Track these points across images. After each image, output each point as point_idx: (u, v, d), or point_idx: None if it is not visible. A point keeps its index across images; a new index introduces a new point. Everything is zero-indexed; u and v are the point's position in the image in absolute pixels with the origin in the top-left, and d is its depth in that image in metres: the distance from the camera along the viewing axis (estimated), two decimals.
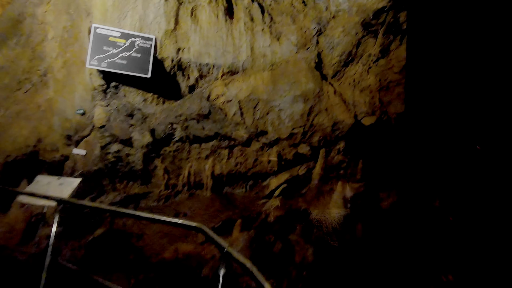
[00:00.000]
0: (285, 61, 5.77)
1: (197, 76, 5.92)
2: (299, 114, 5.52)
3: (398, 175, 3.89)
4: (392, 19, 4.33)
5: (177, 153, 5.98)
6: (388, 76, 4.46)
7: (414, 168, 3.81)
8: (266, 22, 6.04)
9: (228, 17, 6.03)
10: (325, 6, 5.34)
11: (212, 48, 5.86)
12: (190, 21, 5.85)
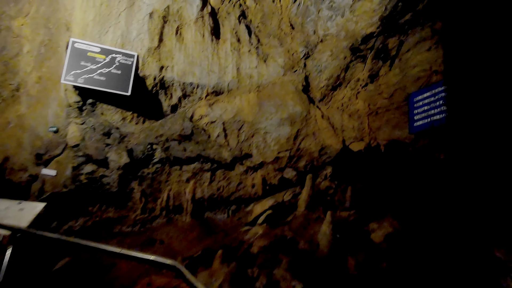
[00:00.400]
0: (272, 83, 5.64)
1: (180, 96, 5.70)
2: (286, 137, 5.34)
3: (390, 204, 3.71)
4: (381, 45, 4.29)
5: (156, 175, 5.64)
6: (377, 102, 4.37)
7: (408, 197, 3.64)
8: (253, 44, 5.95)
9: (214, 37, 5.92)
10: (312, 30, 5.30)
11: (197, 67, 5.69)
12: (175, 40, 5.69)
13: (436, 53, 3.68)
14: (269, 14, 5.97)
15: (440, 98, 3.49)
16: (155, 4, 5.63)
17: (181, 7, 5.80)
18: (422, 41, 3.82)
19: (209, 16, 5.94)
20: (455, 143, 3.34)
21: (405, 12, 3.91)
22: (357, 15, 4.52)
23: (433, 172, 3.61)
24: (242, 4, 6.10)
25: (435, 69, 3.67)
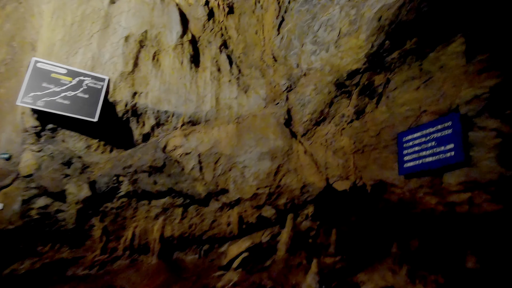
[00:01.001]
0: (253, 115, 5.39)
1: (154, 124, 5.30)
2: (265, 173, 5.01)
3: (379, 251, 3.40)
4: (367, 81, 4.18)
5: (121, 210, 5.07)
6: (363, 139, 4.20)
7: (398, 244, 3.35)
8: (234, 74, 5.75)
9: (193, 65, 5.67)
10: (296, 63, 5.19)
11: (174, 95, 5.36)
12: (151, 65, 5.39)
13: (425, 92, 3.58)
14: (251, 45, 5.85)
15: (432, 139, 3.34)
16: (132, 28, 5.36)
17: (160, 33, 5.55)
18: (410, 80, 3.73)
19: (189, 43, 5.72)
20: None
21: (392, 50, 3.85)
22: (342, 50, 4.44)
23: (427, 220, 3.37)
24: (224, 34, 5.96)
25: (424, 108, 3.55)
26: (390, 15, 3.68)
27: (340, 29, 4.57)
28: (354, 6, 4.37)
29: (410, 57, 3.75)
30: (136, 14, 5.45)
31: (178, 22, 5.68)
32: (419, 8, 3.40)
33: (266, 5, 5.93)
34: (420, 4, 3.39)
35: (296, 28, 5.34)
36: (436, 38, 3.48)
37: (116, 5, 5.41)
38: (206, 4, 5.93)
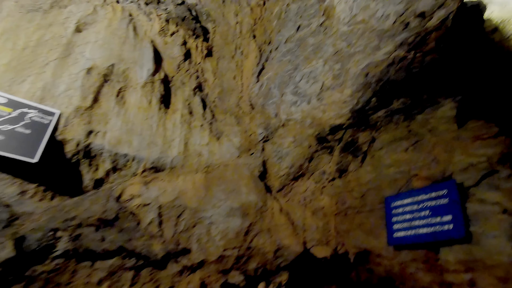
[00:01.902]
0: (224, 165, 4.87)
1: (109, 168, 4.57)
2: (235, 231, 4.38)
3: None
4: (351, 138, 3.93)
5: (54, 275, 4.07)
6: (346, 200, 3.83)
7: None
8: (206, 118, 5.30)
9: (163, 105, 5.16)
10: (274, 113, 4.88)
11: (137, 136, 4.73)
12: (115, 102, 4.79)
13: (414, 155, 3.35)
14: (228, 90, 5.51)
15: (426, 208, 3.03)
16: (97, 60, 4.82)
17: (128, 68, 5.06)
18: (397, 140, 3.51)
19: (161, 82, 5.26)
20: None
21: (378, 108, 3.66)
22: (325, 104, 4.21)
23: None
24: (200, 76, 5.60)
25: (415, 172, 3.29)
26: (378, 73, 3.54)
27: (324, 82, 4.39)
28: (339, 61, 4.24)
29: (397, 116, 3.57)
30: (104, 46, 4.95)
31: (151, 59, 5.26)
32: (408, 69, 3.28)
33: (247, 52, 5.74)
34: (410, 65, 3.27)
35: (276, 77, 5.12)
36: (425, 100, 3.35)
37: (82, 34, 4.90)
38: (184, 44, 5.61)
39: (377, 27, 3.49)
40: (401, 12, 3.24)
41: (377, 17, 3.50)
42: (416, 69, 3.24)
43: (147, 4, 5.74)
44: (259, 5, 6.38)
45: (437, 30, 3.01)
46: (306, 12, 5.31)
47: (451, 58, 3.06)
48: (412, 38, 3.19)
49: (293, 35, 5.32)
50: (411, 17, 3.17)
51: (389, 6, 3.36)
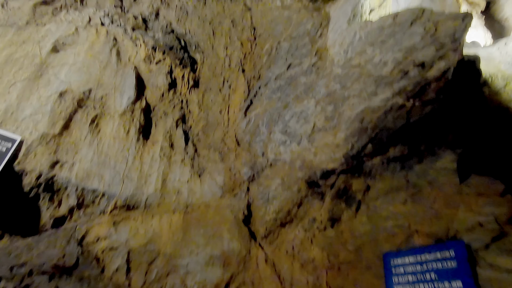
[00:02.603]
0: (205, 205, 4.44)
1: (74, 205, 4.02)
2: (214, 283, 3.87)
3: None
4: (344, 184, 3.68)
5: None
6: (339, 253, 3.50)
7: None
8: (188, 153, 4.92)
9: (142, 136, 4.76)
10: (261, 151, 4.60)
11: (109, 170, 4.26)
12: (88, 130, 4.35)
13: (414, 208, 3.14)
14: (213, 124, 5.21)
15: (431, 270, 2.76)
16: (73, 83, 4.42)
17: (107, 94, 4.68)
18: (394, 191, 3.30)
19: (142, 112, 4.89)
20: None
21: (374, 154, 3.47)
22: (317, 146, 3.99)
23: None
24: (184, 108, 5.29)
25: (416, 228, 3.05)
26: (375, 119, 3.38)
27: (315, 123, 4.20)
28: (332, 103, 4.09)
29: (393, 165, 3.39)
30: (83, 69, 4.58)
31: (133, 87, 4.91)
32: (407, 117, 3.15)
33: (235, 86, 5.54)
34: (408, 113, 3.14)
35: (265, 114, 4.90)
36: (423, 150, 3.20)
37: (59, 55, 4.53)
38: (170, 73, 5.34)
39: (374, 72, 3.40)
40: (400, 60, 3.16)
41: (374, 62, 3.42)
42: (415, 118, 3.11)
43: (134, 29, 5.49)
44: (250, 40, 6.31)
45: (437, 81, 2.93)
46: (298, 51, 5.26)
47: (451, 109, 2.97)
48: (411, 87, 3.09)
49: (284, 73, 5.20)
50: (411, 66, 3.10)
51: (388, 53, 3.29)
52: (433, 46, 2.97)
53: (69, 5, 5.17)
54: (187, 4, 6.40)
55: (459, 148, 2.98)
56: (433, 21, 3.05)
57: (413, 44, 3.10)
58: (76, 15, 5.07)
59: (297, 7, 6.07)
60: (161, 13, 6.07)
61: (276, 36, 6.00)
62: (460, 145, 2.98)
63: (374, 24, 3.57)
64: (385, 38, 3.35)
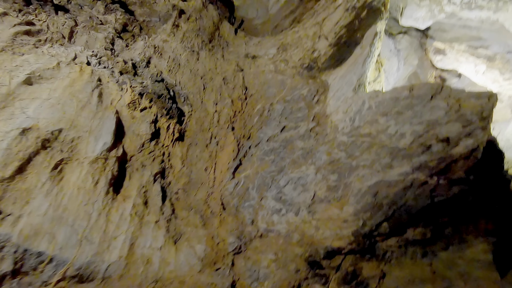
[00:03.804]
0: (180, 281, 3.66)
1: (7, 271, 3.10)
2: None
3: None
4: (352, 267, 3.17)
5: None
6: None
7: None
8: (164, 213, 4.25)
9: (112, 190, 4.07)
10: (251, 219, 4.05)
11: (65, 228, 3.46)
12: (47, 176, 3.62)
13: None
14: (196, 183, 4.66)
15: None
16: (41, 120, 3.81)
17: (80, 137, 4.06)
18: (418, 281, 2.84)
19: (116, 161, 4.27)
20: None
21: (390, 235, 3.06)
22: (319, 219, 3.54)
23: None
24: (166, 161, 4.74)
25: None
26: (392, 195, 3.07)
27: (316, 192, 3.81)
28: (335, 172, 3.78)
29: (412, 249, 2.99)
30: (57, 106, 4.02)
31: (111, 132, 4.36)
32: (431, 196, 2.87)
33: (223, 143, 5.16)
34: (432, 191, 2.87)
35: (256, 177, 4.47)
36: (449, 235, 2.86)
37: (32, 88, 3.97)
38: (154, 122, 4.88)
39: (389, 144, 3.19)
40: (421, 133, 3.00)
41: (389, 133, 3.23)
42: (440, 198, 2.84)
43: (122, 73, 5.13)
44: (241, 99, 6.15)
45: (465, 159, 2.75)
46: (293, 115, 5.09)
47: (482, 191, 2.73)
48: (435, 163, 2.87)
49: (277, 135, 4.95)
50: (433, 140, 2.92)
51: (405, 125, 3.13)
52: (459, 123, 2.85)
53: (56, 40, 4.79)
54: (180, 56, 6.27)
55: (492, 236, 2.67)
56: (454, 97, 3.00)
57: (436, 119, 2.98)
58: (61, 51, 4.66)
59: (291, 72, 6.12)
60: (152, 62, 5.83)
61: (268, 97, 5.89)
62: (494, 233, 2.68)
63: (386, 95, 3.49)
64: (401, 109, 3.24)
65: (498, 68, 6.47)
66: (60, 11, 5.12)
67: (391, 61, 6.05)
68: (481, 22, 5.27)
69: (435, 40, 6.62)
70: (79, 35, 5.27)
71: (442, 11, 5.29)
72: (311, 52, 5.68)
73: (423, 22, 5.60)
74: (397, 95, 3.34)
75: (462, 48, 7.01)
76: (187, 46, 6.58)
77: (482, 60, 6.72)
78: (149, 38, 6.29)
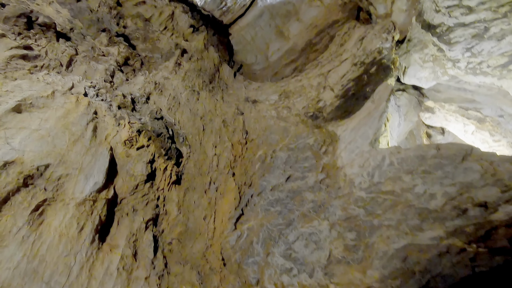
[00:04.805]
0: None
1: None
2: None
3: None
4: None
5: None
6: None
7: None
8: (156, 268, 3.70)
9: (98, 237, 3.53)
10: (255, 278, 3.58)
11: (39, 285, 2.86)
12: (26, 219, 3.08)
13: None
14: (193, 232, 4.18)
15: None
16: (27, 153, 3.34)
17: (68, 175, 3.59)
18: None
19: (106, 204, 3.79)
20: None
21: None
22: (338, 283, 3.15)
23: None
24: (160, 206, 4.28)
25: None
26: (424, 261, 2.78)
27: (331, 252, 3.46)
28: (353, 229, 3.48)
29: None
30: (46, 138, 3.58)
31: (103, 171, 3.91)
32: (471, 266, 2.60)
33: (223, 190, 4.78)
34: (472, 260, 2.61)
35: (261, 230, 4.08)
36: None
37: (21, 116, 3.55)
38: (151, 162, 4.48)
39: (417, 204, 2.98)
40: (454, 196, 2.82)
41: (416, 193, 3.04)
42: (482, 268, 2.58)
43: (120, 108, 4.80)
44: (241, 143, 5.91)
45: (507, 227, 2.55)
46: (299, 164, 4.87)
47: None
48: (472, 229, 2.66)
49: (282, 184, 4.66)
50: (468, 204, 2.74)
51: (434, 185, 2.96)
52: (496, 187, 2.71)
53: (53, 67, 4.46)
54: (180, 95, 6.07)
55: None
56: (487, 160, 2.90)
57: (471, 181, 2.84)
58: (57, 79, 4.32)
59: (294, 120, 6.02)
60: (152, 98, 5.57)
61: (271, 144, 5.69)
62: None
63: (409, 152, 3.36)
64: (428, 168, 3.09)
65: (488, 130, 6.72)
66: (62, 38, 4.86)
67: (393, 116, 6.15)
68: (478, 87, 5.53)
69: (428, 99, 6.87)
70: (78, 64, 4.98)
71: (445, 73, 5.52)
72: (316, 102, 5.65)
73: (426, 82, 5.82)
74: (423, 153, 3.22)
75: (453, 108, 7.28)
76: (188, 85, 6.42)
77: (472, 121, 6.97)
78: (149, 73, 6.09)
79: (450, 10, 4.57)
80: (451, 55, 5.11)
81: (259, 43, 9.22)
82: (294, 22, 7.73)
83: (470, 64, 5.04)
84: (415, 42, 5.43)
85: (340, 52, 5.68)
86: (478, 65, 4.98)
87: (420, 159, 3.24)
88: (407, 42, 5.48)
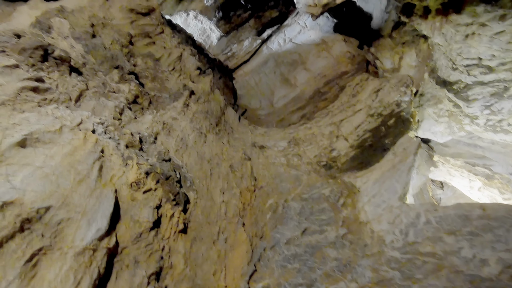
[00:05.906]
0: None
1: None
2: None
3: None
4: None
5: None
6: None
7: None
8: None
9: None
10: None
11: None
12: (18, 271, 2.65)
13: None
14: None
15: None
16: (28, 193, 2.98)
17: (70, 219, 3.20)
18: None
19: (106, 253, 3.36)
20: None
21: None
22: None
23: None
24: (165, 258, 3.84)
25: None
26: None
27: None
28: None
29: None
30: (51, 177, 3.23)
31: (107, 216, 3.53)
32: None
33: (233, 241, 4.40)
34: None
35: None
36: None
37: (25, 151, 3.23)
38: (157, 208, 4.12)
39: (466, 270, 2.71)
40: (510, 264, 2.57)
41: (463, 257, 2.78)
42: None
43: (128, 147, 4.53)
44: (249, 190, 5.62)
45: None
46: (315, 216, 4.59)
47: None
48: None
49: (298, 238, 4.33)
50: None
51: (485, 250, 2.72)
52: None
53: (62, 101, 4.23)
54: (188, 136, 5.86)
55: None
56: None
57: None
58: (66, 113, 4.07)
59: (306, 168, 5.83)
60: (159, 138, 5.34)
61: (281, 192, 5.42)
62: None
63: (448, 210, 3.17)
64: (475, 230, 2.88)
65: (497, 187, 6.68)
66: (74, 72, 4.70)
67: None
68: (491, 143, 5.58)
69: (435, 153, 6.89)
70: (87, 99, 4.77)
71: (462, 129, 5.59)
72: (329, 151, 5.53)
73: (442, 136, 5.85)
74: (466, 213, 3.03)
75: (458, 163, 7.29)
76: (196, 127, 6.25)
77: (479, 177, 6.95)
78: (157, 113, 5.92)
79: (469, 69, 4.72)
80: (469, 111, 5.20)
81: (264, 89, 9.34)
82: (302, 70, 7.91)
83: (490, 121, 5.11)
84: (428, 97, 5.55)
85: (353, 102, 5.72)
86: (498, 122, 5.05)
87: (463, 219, 3.04)
88: (419, 96, 5.59)
